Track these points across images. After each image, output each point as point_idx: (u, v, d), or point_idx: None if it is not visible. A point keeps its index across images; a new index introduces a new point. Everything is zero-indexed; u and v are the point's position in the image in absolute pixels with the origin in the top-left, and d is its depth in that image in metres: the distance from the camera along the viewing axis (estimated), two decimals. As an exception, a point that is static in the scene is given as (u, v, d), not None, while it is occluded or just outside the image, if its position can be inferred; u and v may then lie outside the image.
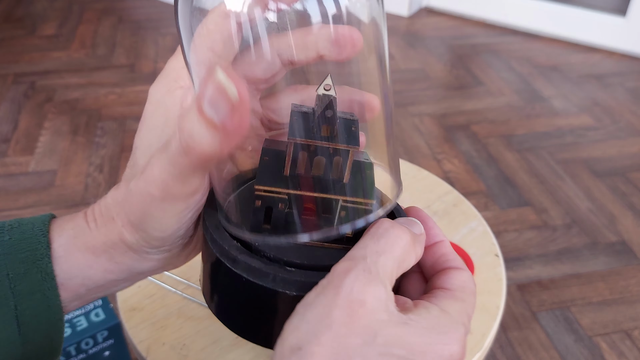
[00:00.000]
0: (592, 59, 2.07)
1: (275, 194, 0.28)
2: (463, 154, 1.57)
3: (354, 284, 0.24)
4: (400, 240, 0.26)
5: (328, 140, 0.28)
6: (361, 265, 0.25)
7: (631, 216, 1.37)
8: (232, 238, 0.29)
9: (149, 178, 0.28)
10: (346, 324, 0.24)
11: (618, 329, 1.10)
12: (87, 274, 0.31)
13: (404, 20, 2.36)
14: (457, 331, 0.25)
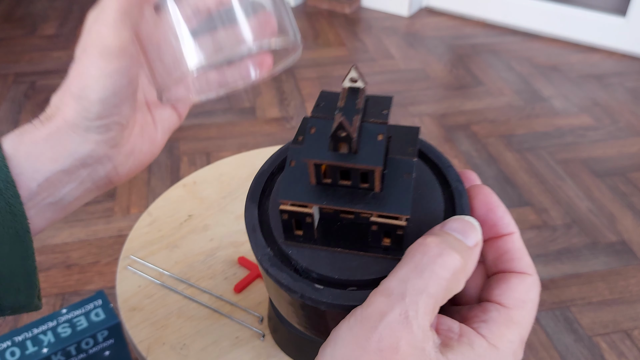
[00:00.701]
0: (592, 59, 2.07)
1: (300, 208, 0.26)
2: (463, 154, 1.57)
3: (388, 330, 0.22)
4: (446, 273, 0.23)
5: (346, 158, 0.25)
6: (398, 308, 0.22)
7: (631, 216, 1.37)
8: (267, 241, 0.28)
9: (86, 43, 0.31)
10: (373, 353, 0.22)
11: (618, 328, 1.10)
12: (35, 167, 0.32)
13: (404, 20, 2.36)
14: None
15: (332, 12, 2.45)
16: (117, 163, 0.35)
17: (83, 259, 1.24)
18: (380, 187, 0.26)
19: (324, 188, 0.26)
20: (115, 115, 0.33)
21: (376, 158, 0.25)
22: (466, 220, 0.25)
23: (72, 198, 0.35)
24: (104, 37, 0.30)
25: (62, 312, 0.70)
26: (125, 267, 0.64)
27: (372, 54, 2.09)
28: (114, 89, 0.32)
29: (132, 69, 0.32)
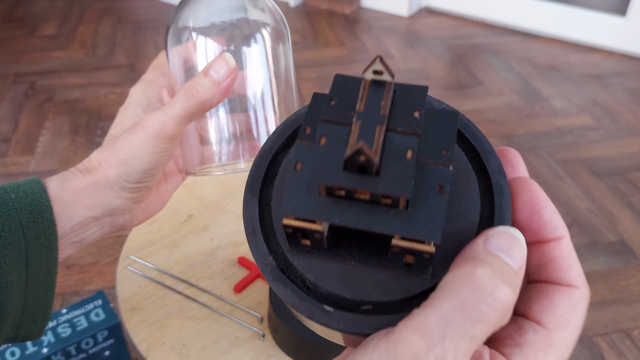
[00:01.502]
0: (592, 59, 2.07)
1: (307, 224, 0.22)
2: (463, 154, 1.57)
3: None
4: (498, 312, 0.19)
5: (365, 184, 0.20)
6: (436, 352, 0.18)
7: (631, 216, 1.37)
8: (269, 252, 0.23)
9: (146, 124, 0.37)
10: None
11: (618, 328, 1.10)
12: (72, 211, 0.38)
13: (404, 20, 2.36)
14: None
15: (332, 12, 2.45)
16: (134, 215, 0.42)
17: (83, 259, 1.24)
18: (406, 204, 0.21)
19: (337, 201, 0.21)
20: (149, 182, 0.40)
21: (403, 185, 0.20)
22: (512, 235, 0.20)
23: (90, 239, 0.40)
24: (165, 125, 0.37)
25: (62, 312, 0.71)
26: (125, 267, 0.64)
27: (372, 54, 2.09)
28: (157, 164, 0.39)
29: (174, 151, 0.40)
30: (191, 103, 0.37)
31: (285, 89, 0.40)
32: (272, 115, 0.39)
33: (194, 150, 0.40)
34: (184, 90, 0.37)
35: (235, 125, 0.39)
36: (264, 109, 0.39)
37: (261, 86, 0.39)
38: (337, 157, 0.20)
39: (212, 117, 0.39)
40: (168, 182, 0.45)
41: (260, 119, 0.38)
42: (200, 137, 0.40)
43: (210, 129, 0.39)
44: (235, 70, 0.37)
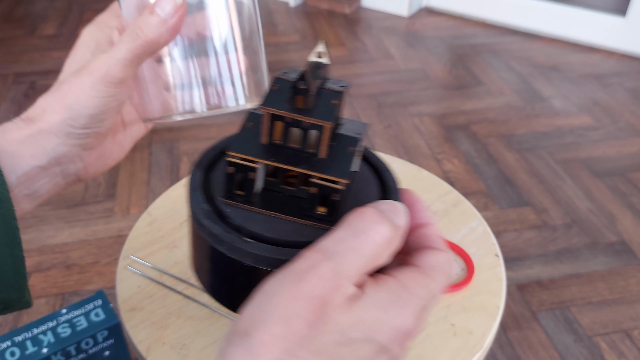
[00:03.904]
0: (592, 58, 2.07)
1: (245, 162, 0.28)
2: (463, 154, 1.57)
3: (318, 281, 0.24)
4: (378, 238, 0.26)
5: (301, 112, 0.28)
6: (330, 263, 0.24)
7: (631, 216, 1.37)
8: (207, 201, 0.29)
9: (92, 67, 0.35)
10: (302, 318, 0.23)
11: (618, 328, 1.10)
12: (16, 161, 0.36)
13: (404, 20, 2.36)
14: (413, 305, 0.26)
15: (332, 12, 2.45)
16: (87, 163, 0.40)
17: (83, 259, 1.24)
18: (326, 154, 0.29)
19: (273, 148, 0.29)
20: (97, 128, 0.37)
21: (328, 115, 0.28)
22: (396, 204, 0.28)
23: (44, 191, 0.39)
24: (111, 68, 0.35)
25: (62, 312, 0.71)
26: (125, 267, 0.64)
27: (372, 54, 2.09)
28: (105, 109, 0.36)
29: (124, 96, 0.37)
30: (137, 44, 0.35)
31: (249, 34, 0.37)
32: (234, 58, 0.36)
33: (152, 97, 0.38)
34: (129, 30, 0.35)
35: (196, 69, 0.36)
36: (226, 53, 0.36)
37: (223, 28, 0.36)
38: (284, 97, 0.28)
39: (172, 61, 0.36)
40: (127, 130, 0.43)
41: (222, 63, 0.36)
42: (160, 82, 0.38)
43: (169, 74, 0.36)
44: (182, 7, 0.35)
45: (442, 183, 0.70)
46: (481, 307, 0.53)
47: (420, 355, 0.49)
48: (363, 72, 1.98)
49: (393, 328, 0.25)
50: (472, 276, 0.56)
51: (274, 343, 0.23)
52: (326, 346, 0.24)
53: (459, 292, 0.55)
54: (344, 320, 0.24)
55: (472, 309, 0.53)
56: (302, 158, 0.29)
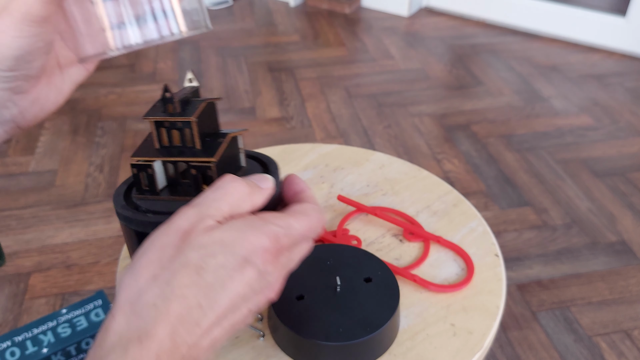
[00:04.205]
0: (592, 59, 2.07)
1: (142, 162, 0.38)
2: (463, 154, 1.57)
3: (184, 219, 0.31)
4: (235, 192, 0.33)
5: (172, 115, 0.38)
6: (194, 208, 0.32)
7: (631, 216, 1.37)
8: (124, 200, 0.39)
9: (11, 7, 0.34)
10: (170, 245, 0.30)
11: (618, 328, 1.10)
12: None
13: (404, 20, 2.36)
14: (269, 230, 0.32)
15: (332, 12, 2.45)
16: (22, 108, 0.39)
17: (83, 259, 1.24)
18: (200, 146, 0.38)
19: (163, 149, 0.39)
20: (25, 70, 0.36)
21: (191, 113, 0.38)
22: (264, 175, 0.36)
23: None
24: (31, 6, 0.34)
25: (62, 312, 0.71)
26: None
27: (372, 54, 2.09)
28: (30, 49, 0.35)
29: (50, 35, 0.36)
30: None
31: None
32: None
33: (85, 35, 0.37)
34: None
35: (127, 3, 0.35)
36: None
37: None
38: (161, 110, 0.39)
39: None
40: (64, 73, 0.41)
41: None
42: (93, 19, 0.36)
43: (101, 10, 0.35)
44: None
45: (442, 183, 0.70)
46: (481, 307, 0.53)
47: (420, 355, 0.49)
48: (363, 72, 1.98)
49: (250, 243, 0.31)
50: (472, 276, 0.56)
51: (149, 264, 0.30)
52: (193, 259, 0.30)
53: (459, 292, 0.55)
54: (206, 240, 0.30)
55: (472, 309, 0.53)
56: (183, 152, 0.38)
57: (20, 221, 1.34)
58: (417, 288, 0.55)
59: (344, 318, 0.47)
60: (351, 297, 0.49)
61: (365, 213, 0.64)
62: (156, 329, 0.28)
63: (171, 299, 0.29)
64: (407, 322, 0.52)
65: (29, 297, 1.16)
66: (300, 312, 0.48)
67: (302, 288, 0.50)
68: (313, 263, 0.52)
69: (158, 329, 0.28)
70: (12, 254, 1.25)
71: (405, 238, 0.61)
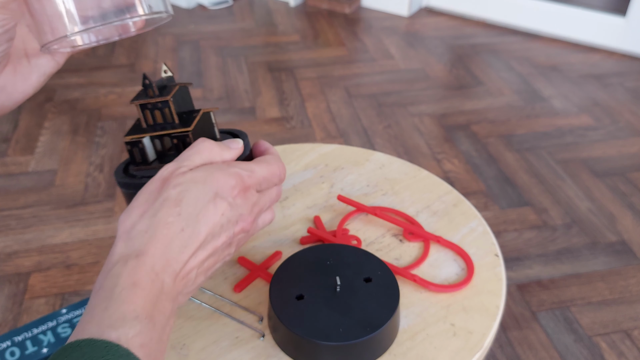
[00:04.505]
0: (592, 59, 2.08)
1: (134, 139, 0.46)
2: (463, 153, 1.57)
3: (163, 170, 0.39)
4: (206, 148, 0.40)
5: (152, 97, 0.45)
6: (173, 163, 0.39)
7: (631, 216, 1.37)
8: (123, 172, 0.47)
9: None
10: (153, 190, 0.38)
11: (618, 328, 1.10)
12: None
13: (404, 20, 2.36)
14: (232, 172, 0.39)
15: (332, 12, 2.45)
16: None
17: (83, 259, 1.24)
18: (178, 121, 0.46)
19: (149, 127, 0.46)
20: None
21: (168, 94, 0.45)
22: (234, 139, 0.44)
23: None
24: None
25: (62, 312, 0.71)
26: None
27: (372, 54, 2.09)
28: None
29: (9, 22, 0.36)
30: None
31: None
32: None
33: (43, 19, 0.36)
34: None
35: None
36: None
37: None
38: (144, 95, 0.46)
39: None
40: (32, 63, 0.41)
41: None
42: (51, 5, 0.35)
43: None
44: None
45: (442, 183, 0.70)
46: (481, 307, 0.53)
47: (420, 355, 0.49)
48: (363, 72, 1.98)
49: (218, 181, 0.38)
50: (472, 276, 0.56)
51: (139, 205, 0.37)
52: (171, 194, 0.37)
53: (459, 292, 0.55)
54: (181, 179, 0.37)
55: (472, 309, 0.53)
56: (165, 127, 0.46)
57: (20, 221, 1.34)
58: (417, 288, 0.55)
59: (344, 318, 0.47)
60: (351, 297, 0.49)
61: (365, 213, 0.64)
62: (148, 247, 0.35)
63: (158, 226, 0.35)
64: (407, 322, 0.52)
65: (28, 297, 1.16)
66: (300, 312, 0.48)
67: (302, 288, 0.50)
68: (313, 263, 0.52)
69: (150, 248, 0.35)
70: (11, 254, 1.25)
71: (405, 238, 0.61)
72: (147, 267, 0.34)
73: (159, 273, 0.35)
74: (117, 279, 0.34)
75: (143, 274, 0.34)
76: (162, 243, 0.35)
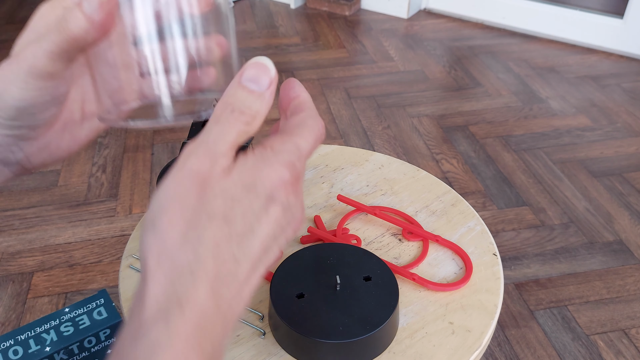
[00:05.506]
0: (590, 60, 2.08)
1: None
2: (461, 154, 1.58)
3: (195, 162, 0.28)
4: (237, 123, 0.30)
5: None
6: (203, 146, 0.29)
7: (628, 216, 1.38)
8: None
9: (21, 56, 0.32)
10: (190, 194, 0.28)
11: (615, 327, 1.11)
12: None
13: (403, 22, 2.37)
14: (282, 159, 0.29)
15: (332, 14, 2.46)
16: (29, 154, 0.36)
17: (86, 258, 1.25)
18: None
19: None
20: (29, 121, 0.34)
21: None
22: (260, 62, 0.30)
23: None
24: (38, 60, 0.32)
25: (65, 310, 0.71)
26: (128, 267, 0.65)
27: (372, 56, 2.10)
28: (34, 102, 0.33)
29: (59, 89, 0.34)
30: (62, 37, 0.31)
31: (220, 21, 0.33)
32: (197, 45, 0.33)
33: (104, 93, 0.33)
34: (57, 22, 0.32)
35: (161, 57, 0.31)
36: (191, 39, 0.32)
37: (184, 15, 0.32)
38: None
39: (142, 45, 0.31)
40: (85, 123, 0.38)
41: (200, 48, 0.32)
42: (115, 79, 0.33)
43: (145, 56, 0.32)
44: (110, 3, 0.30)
45: (441, 183, 0.70)
46: (479, 305, 0.54)
47: (419, 354, 0.50)
48: (363, 73, 1.99)
49: (270, 179, 0.29)
50: (470, 275, 0.57)
51: (174, 221, 0.27)
52: (219, 208, 0.28)
53: (457, 290, 0.56)
54: (226, 185, 0.28)
55: (470, 308, 0.54)
56: None
57: (23, 221, 1.35)
58: (416, 287, 0.56)
59: (344, 316, 0.48)
60: (351, 296, 0.50)
61: (365, 213, 0.65)
62: (195, 291, 0.27)
63: (205, 258, 0.27)
64: (406, 320, 0.53)
65: (31, 296, 1.16)
66: (300, 310, 0.49)
67: (303, 287, 0.51)
68: (313, 262, 0.53)
69: (197, 292, 0.27)
70: (15, 254, 1.26)
71: (404, 237, 0.62)
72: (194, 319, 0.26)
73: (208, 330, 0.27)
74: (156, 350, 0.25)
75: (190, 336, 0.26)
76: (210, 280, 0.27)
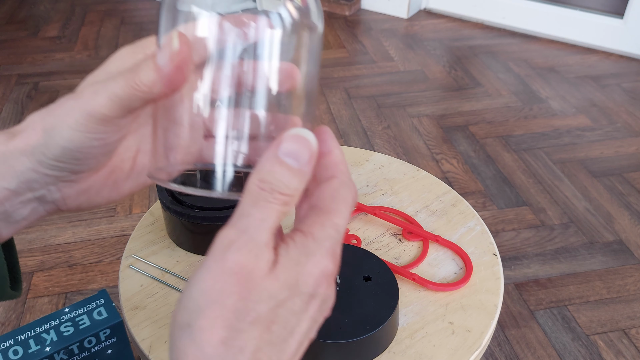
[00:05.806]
0: (590, 60, 2.08)
1: None
2: (461, 154, 1.58)
3: (237, 257, 0.25)
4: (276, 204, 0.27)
5: None
6: (244, 236, 0.26)
7: (628, 216, 1.38)
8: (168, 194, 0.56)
9: (83, 95, 0.31)
10: (232, 294, 0.25)
11: (615, 327, 1.11)
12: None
13: (403, 22, 2.37)
14: (324, 249, 0.27)
15: (332, 14, 2.46)
16: (66, 196, 0.35)
17: (86, 258, 1.25)
18: None
19: None
20: (72, 164, 0.33)
21: None
22: (300, 135, 0.28)
23: (20, 217, 0.34)
24: (98, 100, 0.31)
25: (65, 310, 0.71)
26: (128, 267, 0.65)
27: (372, 56, 2.10)
28: (81, 145, 0.32)
29: (110, 137, 0.33)
30: (128, 84, 0.30)
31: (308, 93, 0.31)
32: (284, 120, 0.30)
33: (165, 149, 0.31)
34: (127, 70, 0.31)
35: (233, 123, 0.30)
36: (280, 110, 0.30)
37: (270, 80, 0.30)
38: None
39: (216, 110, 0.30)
40: (133, 175, 0.37)
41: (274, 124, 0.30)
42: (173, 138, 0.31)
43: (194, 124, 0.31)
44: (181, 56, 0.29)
45: (441, 183, 0.70)
46: (479, 305, 0.54)
47: (419, 354, 0.50)
48: (363, 73, 1.99)
49: (313, 276, 0.27)
50: (470, 275, 0.57)
51: (214, 325, 0.25)
52: (263, 313, 0.25)
53: (457, 290, 0.56)
54: (271, 286, 0.26)
55: (470, 308, 0.54)
56: None
57: (22, 221, 1.35)
58: (416, 287, 0.56)
59: (344, 316, 0.48)
60: (351, 296, 0.50)
61: (365, 213, 0.65)
62: None
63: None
64: (406, 320, 0.53)
65: (31, 296, 1.16)
66: (301, 310, 0.49)
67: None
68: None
69: None
70: (14, 254, 1.26)
71: (404, 237, 0.62)
72: None
73: None
74: None
75: None
76: None
